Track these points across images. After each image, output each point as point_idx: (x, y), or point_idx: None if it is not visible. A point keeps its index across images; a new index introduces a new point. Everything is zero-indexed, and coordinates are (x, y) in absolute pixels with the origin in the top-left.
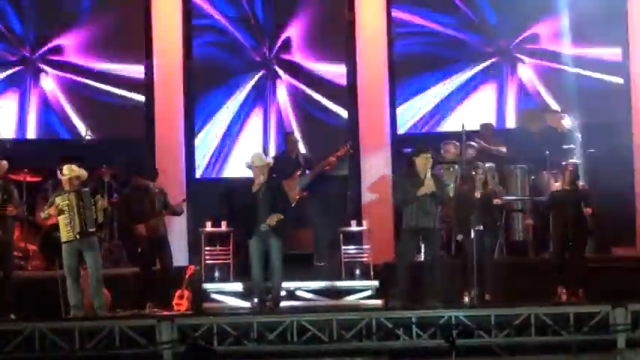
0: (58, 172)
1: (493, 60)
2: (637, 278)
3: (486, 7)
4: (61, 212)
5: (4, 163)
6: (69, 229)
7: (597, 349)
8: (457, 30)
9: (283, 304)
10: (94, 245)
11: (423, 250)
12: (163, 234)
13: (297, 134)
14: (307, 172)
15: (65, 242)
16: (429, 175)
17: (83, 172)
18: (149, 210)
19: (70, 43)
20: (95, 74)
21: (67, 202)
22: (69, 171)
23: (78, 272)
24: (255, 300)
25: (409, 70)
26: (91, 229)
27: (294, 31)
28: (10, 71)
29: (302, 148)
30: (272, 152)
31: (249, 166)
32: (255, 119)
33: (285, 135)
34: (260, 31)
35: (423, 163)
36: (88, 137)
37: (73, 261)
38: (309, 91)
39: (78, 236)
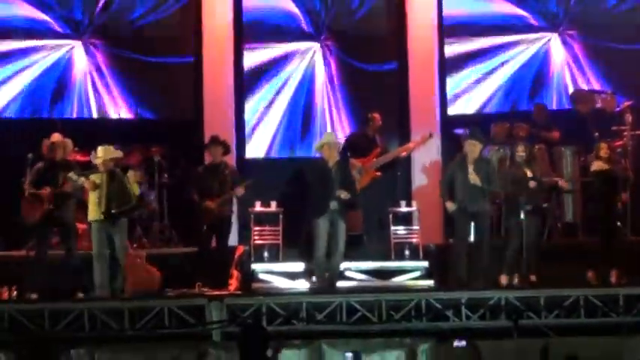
0: (93, 153)
1: (545, 37)
2: None
3: None
4: (94, 188)
5: (69, 141)
6: (96, 209)
7: None
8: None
9: None
10: (121, 227)
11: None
12: (228, 214)
13: (345, 114)
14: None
15: (93, 221)
16: (471, 169)
17: (118, 153)
18: (217, 190)
19: (119, 23)
20: (144, 54)
21: (99, 181)
22: (103, 153)
23: (105, 252)
24: (315, 279)
25: (460, 50)
26: (114, 210)
27: (346, 17)
28: (57, 44)
29: None
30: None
31: (322, 145)
32: (305, 98)
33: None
34: (313, 11)
35: (470, 149)
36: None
37: (100, 240)
38: (359, 69)
39: (102, 216)
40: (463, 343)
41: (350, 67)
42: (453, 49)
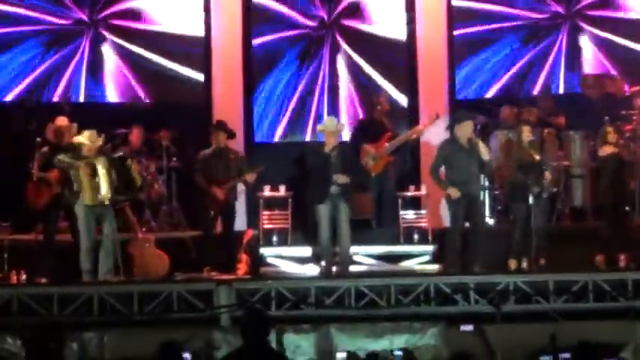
0: (79, 137)
1: (555, 23)
2: None
3: None
4: (91, 174)
5: (74, 125)
6: (94, 194)
7: None
8: None
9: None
10: (111, 212)
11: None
12: (232, 201)
13: (355, 99)
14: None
15: (88, 206)
16: (481, 143)
17: (100, 140)
18: (222, 175)
19: (127, 8)
20: (154, 39)
21: (94, 165)
22: (93, 138)
23: (95, 236)
24: (323, 264)
25: (469, 34)
26: (122, 197)
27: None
28: (67, 27)
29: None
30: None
31: (322, 130)
32: (314, 83)
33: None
34: None
35: (466, 130)
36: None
37: (92, 225)
38: (367, 54)
39: (107, 202)
40: (470, 327)
41: (356, 52)
42: (462, 34)
